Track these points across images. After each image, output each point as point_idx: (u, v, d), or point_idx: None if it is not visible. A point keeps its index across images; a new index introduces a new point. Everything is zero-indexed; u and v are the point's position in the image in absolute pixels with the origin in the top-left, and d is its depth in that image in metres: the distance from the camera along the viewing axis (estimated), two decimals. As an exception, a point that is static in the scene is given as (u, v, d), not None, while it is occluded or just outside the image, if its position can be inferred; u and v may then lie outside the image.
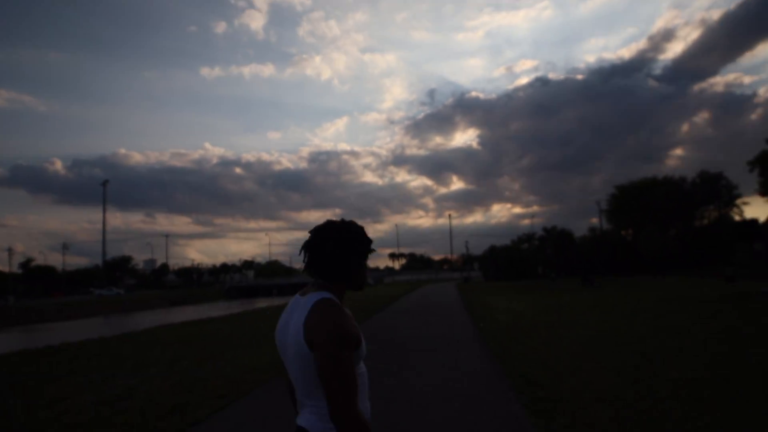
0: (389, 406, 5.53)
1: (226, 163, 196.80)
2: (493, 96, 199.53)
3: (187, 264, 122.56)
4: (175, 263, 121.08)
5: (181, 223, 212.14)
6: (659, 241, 49.66)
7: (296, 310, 1.77)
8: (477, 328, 12.67)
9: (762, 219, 63.18)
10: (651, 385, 5.87)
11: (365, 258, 1.87)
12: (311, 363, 1.67)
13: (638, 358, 7.48)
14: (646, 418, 4.68)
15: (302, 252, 1.82)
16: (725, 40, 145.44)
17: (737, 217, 54.59)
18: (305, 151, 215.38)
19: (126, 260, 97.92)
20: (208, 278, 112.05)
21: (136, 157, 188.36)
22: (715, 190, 53.71)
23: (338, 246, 1.78)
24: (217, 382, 7.20)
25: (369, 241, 1.86)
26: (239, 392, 6.62)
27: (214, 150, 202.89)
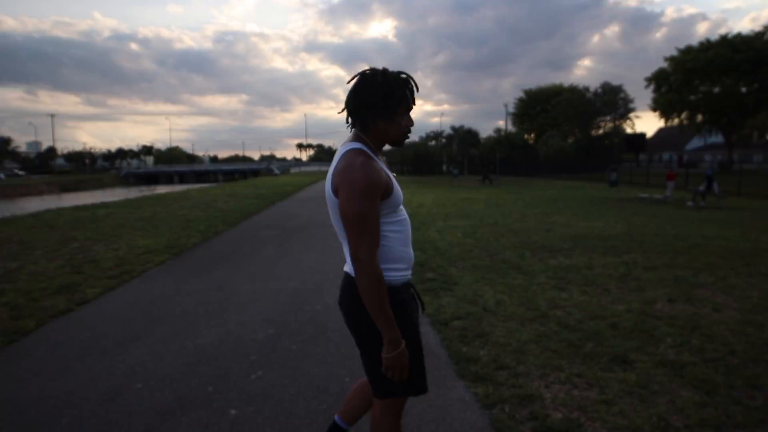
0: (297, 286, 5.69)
1: (119, 38, 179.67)
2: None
3: (78, 148, 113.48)
4: (63, 147, 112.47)
5: (69, 103, 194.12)
6: (556, 146, 52.72)
7: (334, 161, 1.78)
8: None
9: (649, 134, 68.74)
10: (530, 272, 6.45)
11: (392, 111, 1.74)
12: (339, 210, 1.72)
13: (522, 246, 8.14)
14: (524, 295, 5.18)
15: None
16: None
17: (629, 130, 58.81)
18: (210, 30, 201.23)
19: (5, 142, 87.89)
20: (102, 164, 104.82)
21: (9, 23, 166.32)
22: (613, 102, 56.72)
23: (358, 97, 1.75)
24: (110, 264, 7.00)
25: (399, 94, 1.74)
26: (132, 273, 6.50)
27: (105, 21, 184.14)
